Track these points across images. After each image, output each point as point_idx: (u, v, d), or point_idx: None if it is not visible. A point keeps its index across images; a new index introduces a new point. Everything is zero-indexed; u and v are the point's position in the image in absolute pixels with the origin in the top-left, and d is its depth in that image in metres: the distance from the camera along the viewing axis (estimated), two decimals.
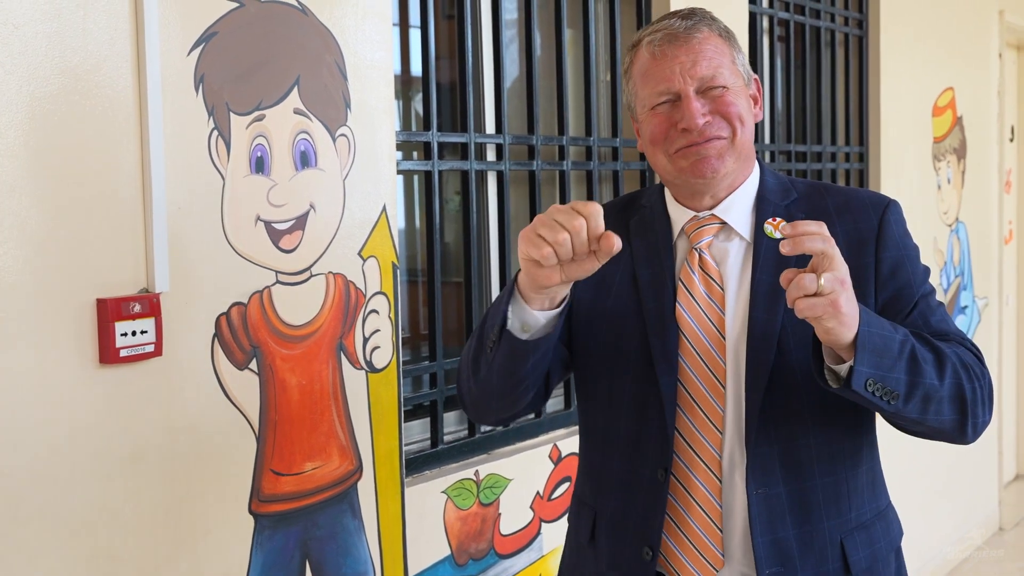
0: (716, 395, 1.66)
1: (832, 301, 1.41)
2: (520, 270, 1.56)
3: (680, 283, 1.70)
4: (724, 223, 1.71)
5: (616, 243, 1.45)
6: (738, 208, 1.72)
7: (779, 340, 1.63)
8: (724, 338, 1.66)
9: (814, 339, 1.52)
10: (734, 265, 1.69)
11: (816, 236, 1.42)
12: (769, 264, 1.66)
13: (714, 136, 1.65)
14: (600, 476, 1.79)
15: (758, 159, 1.78)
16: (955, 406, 1.57)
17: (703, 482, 1.67)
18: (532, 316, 1.56)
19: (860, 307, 1.47)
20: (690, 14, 1.70)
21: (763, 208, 1.71)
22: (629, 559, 1.71)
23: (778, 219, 1.66)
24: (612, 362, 1.74)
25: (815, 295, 1.41)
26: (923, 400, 1.53)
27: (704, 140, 1.64)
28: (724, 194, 1.71)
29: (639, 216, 1.80)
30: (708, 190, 1.70)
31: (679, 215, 1.75)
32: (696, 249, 1.70)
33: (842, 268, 1.43)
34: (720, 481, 1.66)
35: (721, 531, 1.66)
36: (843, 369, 1.50)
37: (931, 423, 1.58)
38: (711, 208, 1.72)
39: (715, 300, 1.68)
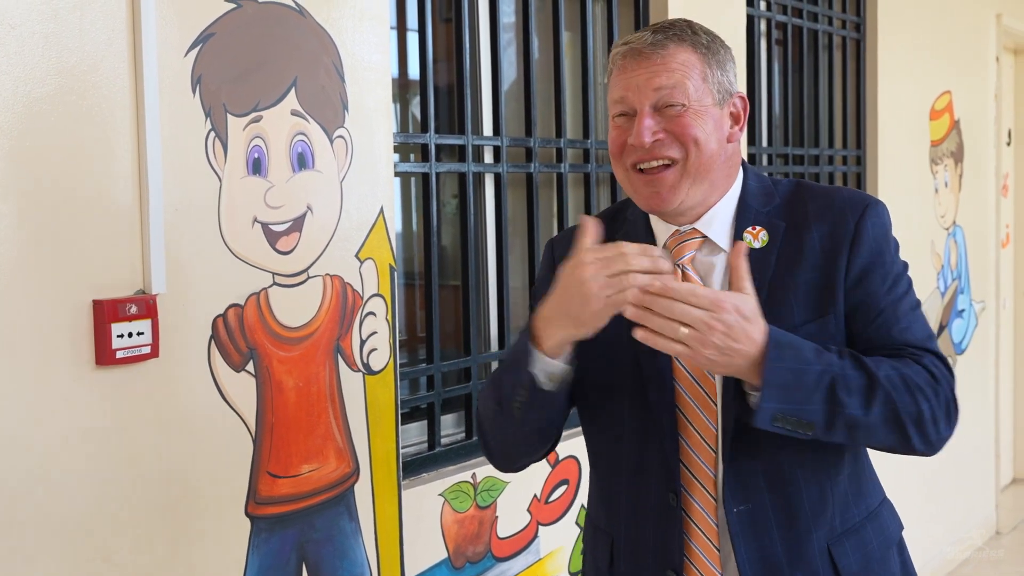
0: (708, 413, 1.64)
1: (703, 343, 1.45)
2: (529, 324, 1.58)
3: None
4: (706, 237, 1.68)
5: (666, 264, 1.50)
6: (719, 221, 1.68)
7: None
8: None
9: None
10: (718, 279, 1.66)
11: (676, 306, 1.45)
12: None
13: (663, 156, 1.61)
14: (611, 503, 1.78)
15: (743, 162, 1.74)
16: (891, 429, 1.56)
17: (701, 504, 1.66)
18: (554, 366, 1.58)
19: (773, 337, 1.49)
20: (665, 28, 1.65)
21: (743, 217, 1.68)
22: None
23: (757, 228, 1.65)
24: (607, 389, 1.73)
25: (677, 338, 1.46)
26: (848, 428, 1.53)
27: (653, 160, 1.62)
28: (702, 210, 1.68)
29: (624, 230, 1.77)
30: (668, 215, 1.69)
31: (661, 229, 1.72)
32: (679, 266, 1.66)
33: (715, 303, 1.45)
34: (715, 500, 1.65)
35: (719, 550, 1.65)
36: (754, 400, 1.52)
37: (869, 444, 1.61)
38: (692, 222, 1.69)
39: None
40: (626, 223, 1.78)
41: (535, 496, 2.86)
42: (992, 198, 5.73)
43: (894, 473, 1.68)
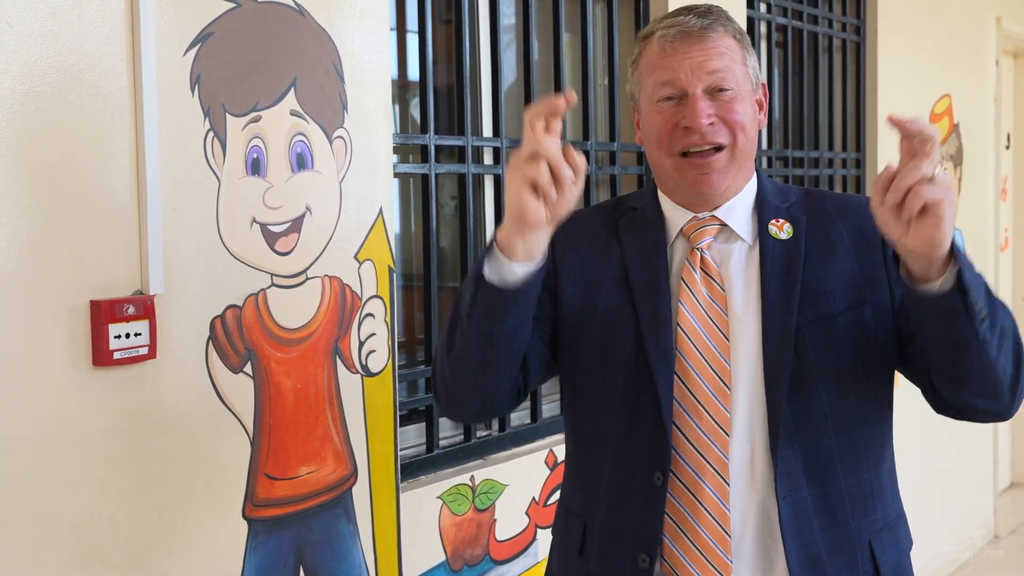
0: (721, 396, 1.63)
1: (948, 187, 1.38)
2: (497, 229, 1.52)
3: (682, 282, 1.68)
4: (724, 225, 1.70)
5: (572, 98, 1.46)
6: (739, 211, 1.71)
7: (795, 342, 1.62)
8: (728, 339, 1.64)
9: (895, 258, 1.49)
10: (736, 267, 1.68)
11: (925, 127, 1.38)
12: (777, 264, 1.65)
13: (715, 143, 1.63)
14: (590, 483, 1.76)
15: (755, 165, 1.77)
16: (1014, 357, 1.52)
17: (711, 486, 1.63)
18: (511, 271, 1.50)
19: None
20: (707, 12, 1.67)
21: (764, 211, 1.71)
22: (623, 568, 1.68)
23: (781, 220, 1.66)
24: (603, 363, 1.71)
25: (931, 181, 1.36)
26: (1000, 335, 1.48)
27: (706, 144, 1.63)
28: (724, 199, 1.70)
29: (629, 217, 1.77)
30: (709, 200, 1.70)
31: (676, 216, 1.73)
32: (697, 249, 1.68)
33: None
34: (728, 485, 1.63)
35: (729, 536, 1.64)
36: (938, 283, 1.44)
37: (998, 370, 1.51)
38: (712, 210, 1.71)
39: (717, 301, 1.66)
40: (631, 211, 1.78)
41: (533, 499, 2.85)
42: (991, 202, 5.73)
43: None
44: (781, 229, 1.69)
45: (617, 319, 1.69)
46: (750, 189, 1.73)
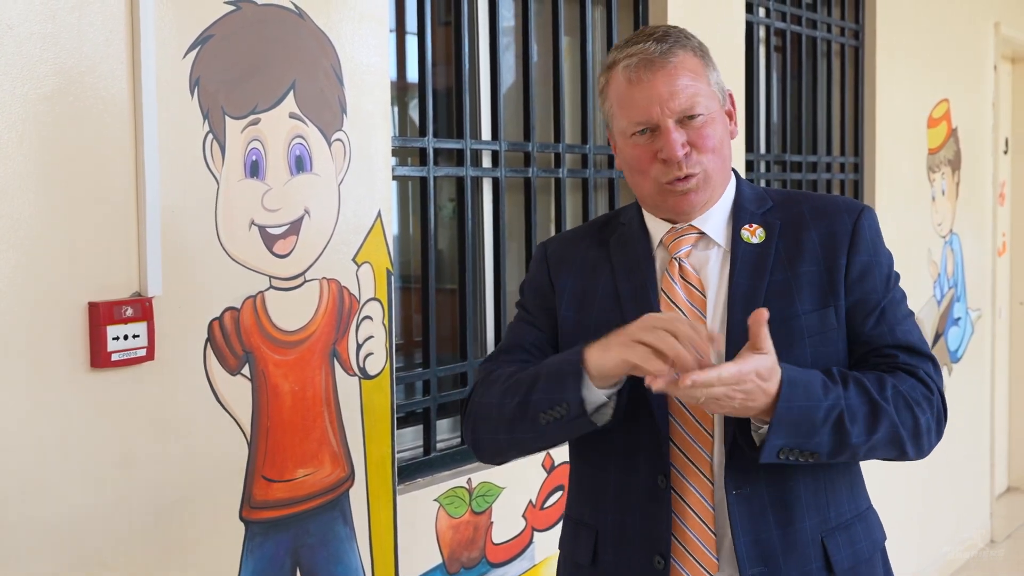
0: None
1: (721, 407, 1.52)
2: (585, 348, 1.59)
3: (663, 293, 1.72)
4: (702, 233, 1.74)
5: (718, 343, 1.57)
6: (715, 218, 1.75)
7: None
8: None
9: None
10: (713, 272, 1.72)
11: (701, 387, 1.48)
12: (746, 266, 1.69)
13: (691, 173, 1.67)
14: (596, 492, 1.79)
15: (734, 171, 1.80)
16: (892, 446, 1.64)
17: (697, 487, 1.67)
18: (596, 395, 1.59)
19: (786, 377, 1.53)
20: (664, 35, 1.68)
21: (740, 216, 1.74)
22: (640, 571, 1.70)
23: (754, 225, 1.70)
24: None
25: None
26: (852, 452, 1.61)
27: (684, 176, 1.67)
28: (703, 211, 1.74)
29: (618, 233, 1.82)
30: (689, 215, 1.74)
31: (657, 228, 1.78)
32: (675, 259, 1.73)
33: (738, 378, 1.49)
34: (712, 484, 1.67)
35: (715, 535, 1.67)
36: (761, 433, 1.58)
37: (867, 459, 1.67)
38: (689, 220, 1.75)
39: (697, 306, 1.70)
40: (620, 227, 1.83)
41: (530, 502, 2.85)
42: (989, 206, 5.73)
43: (889, 481, 1.69)
44: (753, 234, 1.72)
45: (611, 323, 1.69)
46: (727, 196, 1.76)
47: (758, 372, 1.50)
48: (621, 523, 1.74)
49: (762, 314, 1.51)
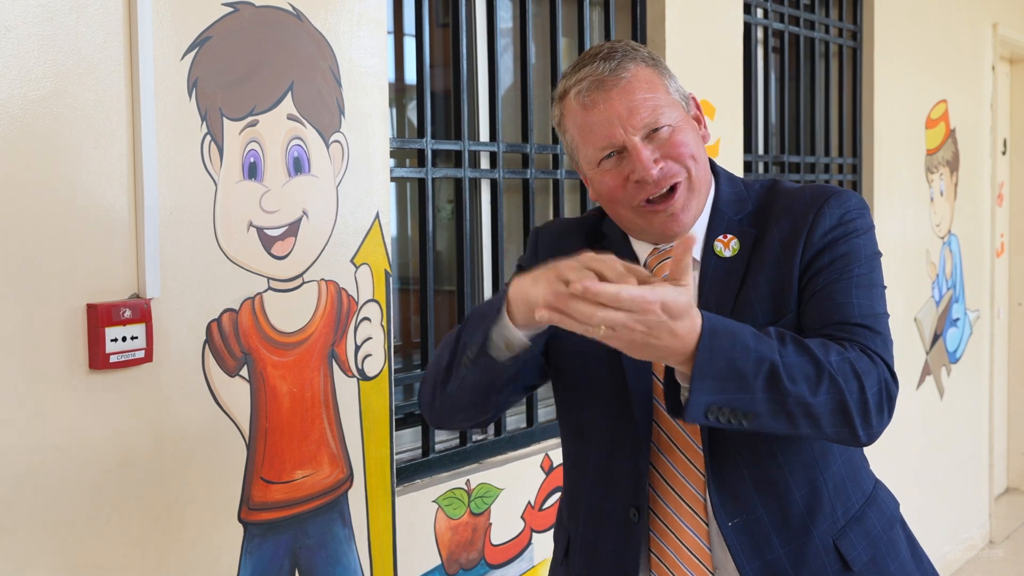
0: (693, 434, 1.62)
1: (620, 341, 1.34)
2: (510, 283, 1.48)
3: None
4: None
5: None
6: (695, 232, 1.65)
7: None
8: None
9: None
10: (694, 290, 1.63)
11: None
12: (715, 283, 1.61)
13: (672, 182, 1.58)
14: (573, 500, 1.76)
15: (715, 167, 1.71)
16: (837, 418, 1.46)
17: (688, 523, 1.63)
18: (516, 335, 1.46)
19: (707, 325, 1.37)
20: (610, 52, 1.59)
21: (716, 224, 1.65)
22: None
23: (728, 236, 1.61)
24: (582, 395, 1.70)
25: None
26: (790, 417, 1.43)
27: (665, 191, 1.58)
28: (688, 229, 1.65)
29: (602, 247, 1.70)
30: (679, 236, 1.63)
31: (641, 248, 1.70)
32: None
33: (640, 305, 1.31)
34: (707, 524, 1.62)
35: (711, 572, 1.63)
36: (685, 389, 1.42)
37: (810, 434, 1.48)
38: (672, 241, 1.65)
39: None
40: (605, 239, 1.74)
41: (529, 503, 2.85)
42: (987, 207, 5.74)
43: (888, 482, 1.67)
44: (727, 247, 1.63)
45: (595, 354, 1.60)
46: (707, 207, 1.67)
47: (664, 304, 1.31)
48: (591, 540, 1.70)
49: (690, 241, 1.37)
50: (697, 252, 1.64)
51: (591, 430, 1.70)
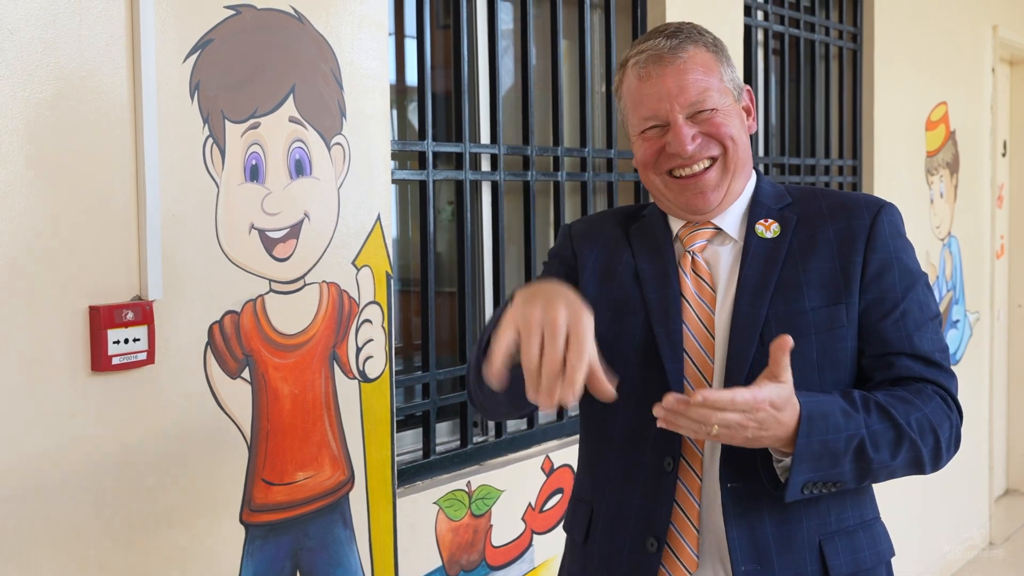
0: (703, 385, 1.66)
1: (733, 437, 1.46)
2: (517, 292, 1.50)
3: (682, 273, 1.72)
4: (719, 229, 1.73)
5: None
6: (732, 215, 1.74)
7: (761, 333, 1.63)
8: (713, 337, 1.67)
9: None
10: (726, 266, 1.71)
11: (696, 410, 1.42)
12: (757, 260, 1.68)
13: (704, 158, 1.66)
14: (597, 469, 1.78)
15: (756, 169, 1.79)
16: (912, 468, 1.62)
17: (683, 479, 1.66)
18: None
19: (805, 411, 1.48)
20: (676, 31, 1.68)
21: (756, 211, 1.73)
22: (630, 551, 1.69)
23: (769, 220, 1.69)
24: (615, 350, 1.70)
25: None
26: (874, 476, 1.59)
27: (694, 165, 1.66)
28: (721, 209, 1.73)
29: (639, 223, 1.82)
30: (705, 214, 1.72)
31: (675, 222, 1.78)
32: (689, 252, 1.72)
33: (752, 405, 1.44)
34: (700, 479, 1.66)
35: (698, 530, 1.65)
36: (783, 466, 1.56)
37: (898, 475, 1.65)
38: (709, 216, 1.74)
39: (705, 300, 1.69)
40: (642, 218, 1.82)
41: (530, 505, 2.85)
42: (987, 209, 5.74)
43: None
44: (768, 229, 1.70)
45: (629, 309, 1.72)
46: (746, 194, 1.75)
47: (772, 402, 1.45)
48: (619, 503, 1.72)
49: (786, 341, 1.46)
50: (738, 235, 1.72)
51: (623, 385, 1.70)
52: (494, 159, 2.88)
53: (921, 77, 4.96)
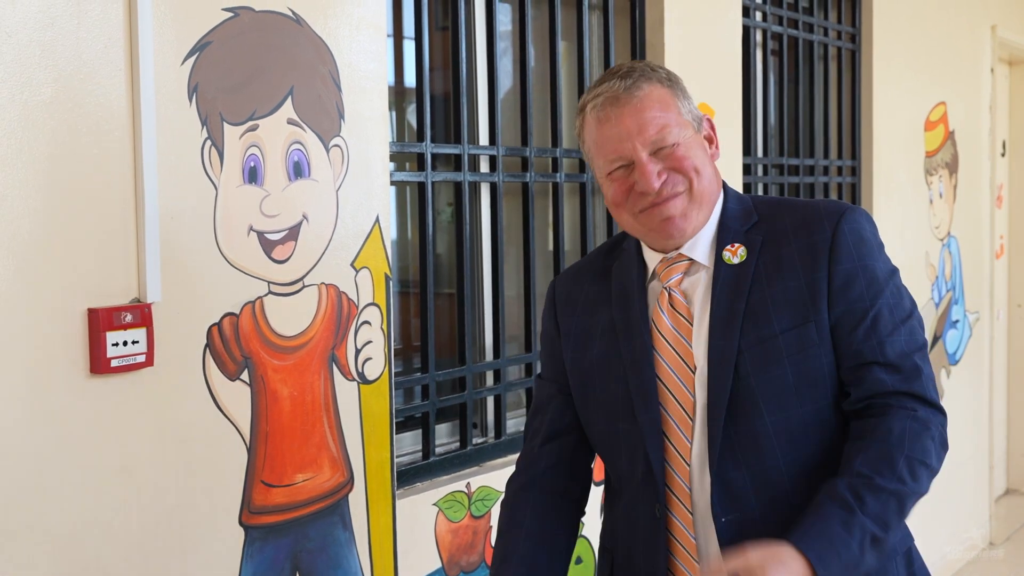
0: (684, 428, 1.66)
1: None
2: None
3: (652, 325, 1.71)
4: (692, 260, 1.72)
5: None
6: (702, 242, 1.72)
7: (736, 364, 1.63)
8: (693, 371, 1.67)
9: None
10: (699, 296, 1.70)
11: None
12: (725, 288, 1.67)
13: (672, 194, 1.66)
14: (611, 519, 1.84)
15: (724, 185, 1.78)
16: (913, 504, 1.63)
17: (677, 516, 1.68)
18: None
19: (805, 551, 1.48)
20: (629, 71, 1.68)
21: (723, 236, 1.71)
22: None
23: (736, 245, 1.68)
24: (602, 407, 1.77)
25: None
26: (894, 538, 1.62)
27: (663, 200, 1.66)
28: (690, 236, 1.71)
29: (619, 261, 1.82)
30: (677, 241, 1.72)
31: (651, 257, 1.76)
32: (666, 289, 1.72)
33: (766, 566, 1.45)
34: (692, 514, 1.67)
35: (698, 562, 1.67)
36: None
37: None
38: (678, 247, 1.72)
39: (683, 334, 1.69)
40: (622, 254, 1.82)
41: None
42: (986, 209, 5.74)
43: None
44: (735, 254, 1.69)
45: (608, 364, 1.75)
46: (713, 218, 1.73)
47: (759, 564, 1.46)
48: (628, 549, 1.77)
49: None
50: (708, 261, 1.71)
51: (615, 439, 1.76)
52: (493, 160, 2.88)
53: (920, 77, 4.96)
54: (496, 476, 2.76)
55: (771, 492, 1.64)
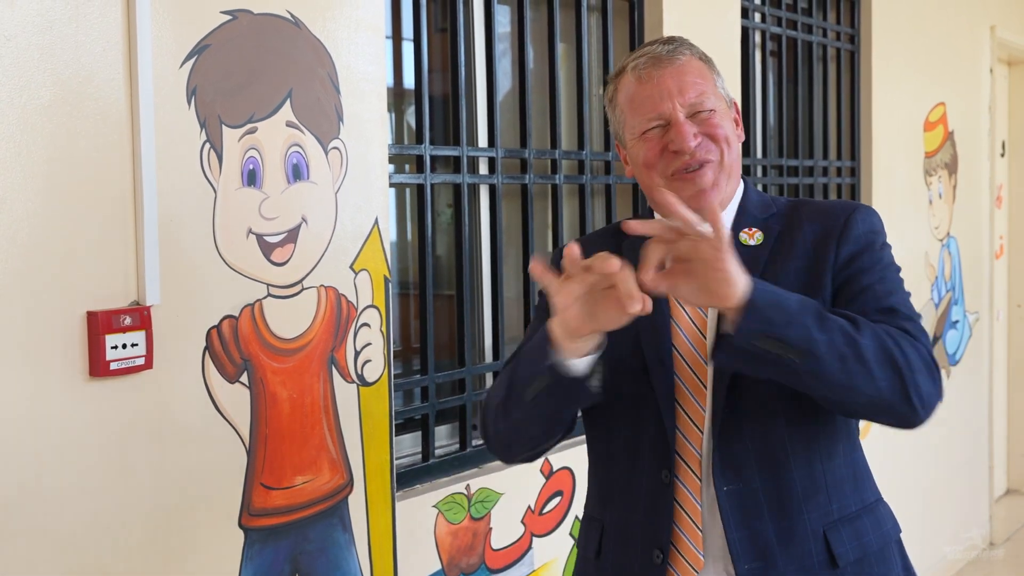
0: (698, 395, 1.69)
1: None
2: (553, 321, 1.57)
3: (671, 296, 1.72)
4: None
5: (612, 262, 1.48)
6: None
7: None
8: (705, 338, 1.70)
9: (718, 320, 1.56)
10: None
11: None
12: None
13: (705, 159, 1.69)
14: (604, 488, 1.82)
15: (744, 178, 1.82)
16: (886, 368, 1.54)
17: (685, 482, 1.69)
18: (569, 364, 1.57)
19: (753, 282, 1.50)
20: (670, 40, 1.75)
21: (741, 220, 1.77)
22: (638, 566, 1.73)
23: (753, 229, 1.73)
24: (609, 373, 1.74)
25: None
26: (840, 358, 1.51)
27: (697, 163, 1.69)
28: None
29: (630, 240, 1.79)
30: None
31: None
32: None
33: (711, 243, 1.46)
34: (700, 480, 1.69)
35: (701, 531, 1.68)
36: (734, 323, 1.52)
37: (864, 388, 1.54)
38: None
39: (700, 310, 1.72)
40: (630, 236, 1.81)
41: (529, 508, 2.85)
42: (986, 209, 5.74)
43: (889, 485, 1.68)
44: (752, 237, 1.75)
45: (619, 330, 1.71)
46: (735, 202, 1.79)
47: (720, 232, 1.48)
48: (625, 518, 1.76)
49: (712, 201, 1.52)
50: None
51: (618, 403, 1.75)
52: (492, 162, 2.88)
53: (919, 78, 4.96)
54: (496, 478, 2.76)
55: (772, 463, 1.67)
